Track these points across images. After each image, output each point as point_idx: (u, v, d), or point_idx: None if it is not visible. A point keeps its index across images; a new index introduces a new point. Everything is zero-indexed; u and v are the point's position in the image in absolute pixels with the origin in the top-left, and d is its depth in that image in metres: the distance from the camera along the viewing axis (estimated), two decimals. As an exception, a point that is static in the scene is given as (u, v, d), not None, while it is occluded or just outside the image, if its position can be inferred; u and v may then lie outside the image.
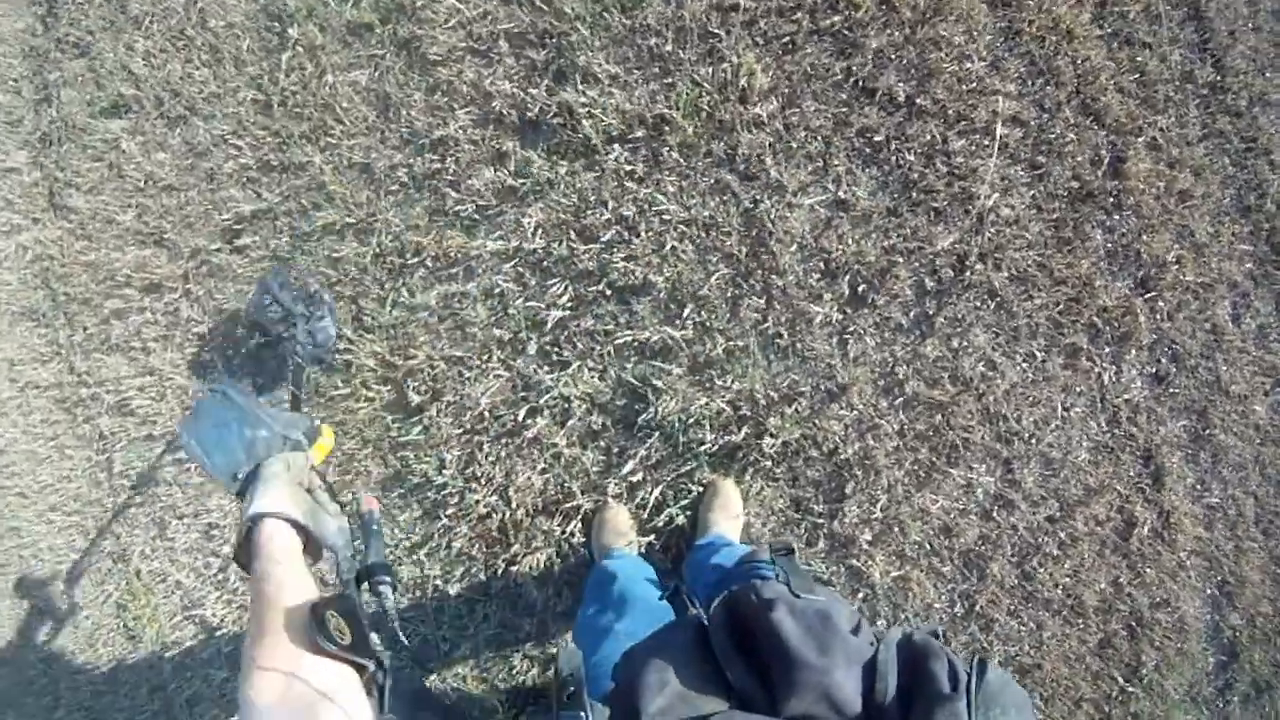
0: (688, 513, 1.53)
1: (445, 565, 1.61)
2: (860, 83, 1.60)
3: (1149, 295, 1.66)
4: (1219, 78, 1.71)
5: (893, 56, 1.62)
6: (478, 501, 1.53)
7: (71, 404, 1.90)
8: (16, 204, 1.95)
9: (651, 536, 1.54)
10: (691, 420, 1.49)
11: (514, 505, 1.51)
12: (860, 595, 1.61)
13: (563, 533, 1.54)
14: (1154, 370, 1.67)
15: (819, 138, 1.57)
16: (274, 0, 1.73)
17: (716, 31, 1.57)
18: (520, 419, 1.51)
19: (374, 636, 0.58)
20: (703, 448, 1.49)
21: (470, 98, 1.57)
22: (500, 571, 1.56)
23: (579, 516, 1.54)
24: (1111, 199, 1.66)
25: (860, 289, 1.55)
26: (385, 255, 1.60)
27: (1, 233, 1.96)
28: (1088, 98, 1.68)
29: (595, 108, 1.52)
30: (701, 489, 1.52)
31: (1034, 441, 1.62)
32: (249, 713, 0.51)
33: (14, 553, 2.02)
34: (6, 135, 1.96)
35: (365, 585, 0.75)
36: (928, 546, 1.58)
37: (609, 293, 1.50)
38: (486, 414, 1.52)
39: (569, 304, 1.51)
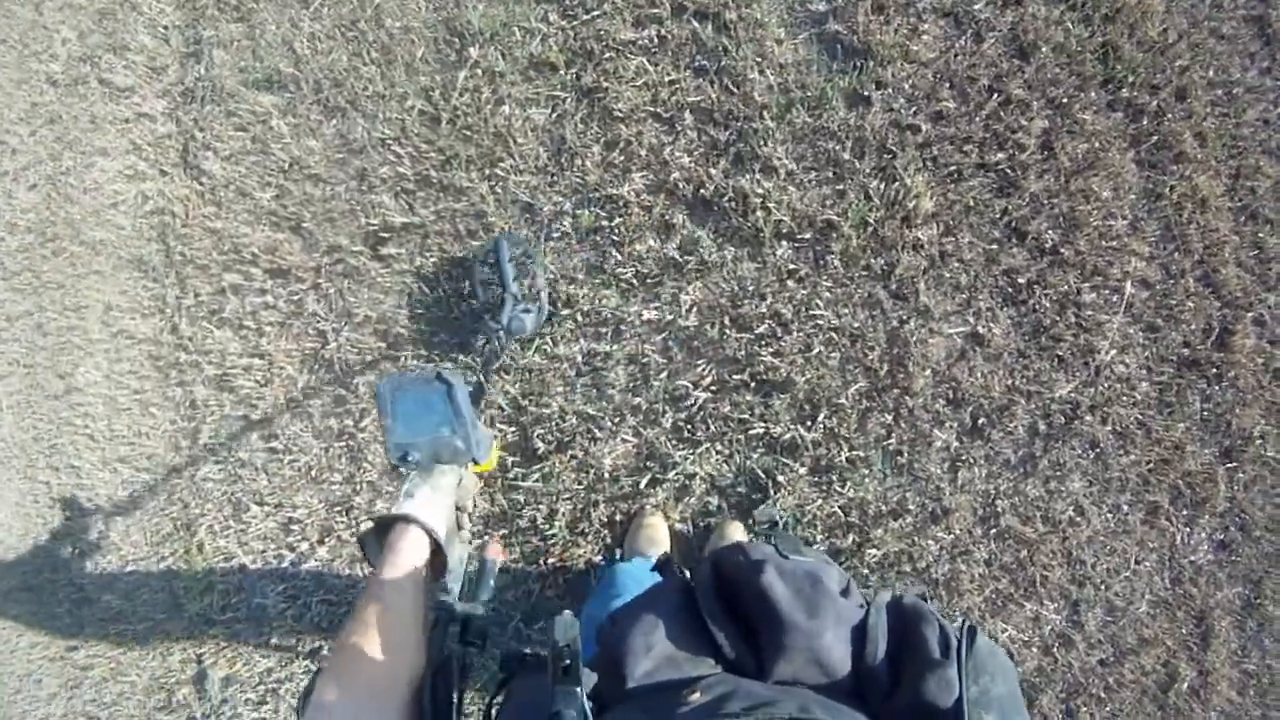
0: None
1: (526, 612, 1.63)
2: (1014, 223, 1.66)
3: (1230, 465, 1.75)
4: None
5: (1046, 202, 1.68)
6: (580, 556, 1.56)
7: (167, 365, 1.88)
8: (145, 151, 1.91)
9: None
10: (805, 518, 1.54)
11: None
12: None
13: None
14: (1222, 537, 1.76)
15: (969, 271, 1.62)
16: (457, 15, 1.72)
17: (893, 149, 1.61)
18: (641, 487, 1.54)
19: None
20: (810, 547, 1.54)
21: (648, 162, 1.59)
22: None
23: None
24: (1214, 369, 1.75)
25: (980, 422, 1.61)
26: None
27: (124, 177, 1.92)
28: (1210, 268, 1.76)
29: (770, 200, 1.55)
30: None
31: (1103, 588, 1.71)
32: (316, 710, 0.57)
33: (69, 489, 2.00)
34: (147, 80, 1.92)
35: (456, 630, 0.72)
36: (990, 672, 1.65)
37: (751, 384, 1.54)
38: (607, 475, 1.55)
39: (711, 386, 1.54)
